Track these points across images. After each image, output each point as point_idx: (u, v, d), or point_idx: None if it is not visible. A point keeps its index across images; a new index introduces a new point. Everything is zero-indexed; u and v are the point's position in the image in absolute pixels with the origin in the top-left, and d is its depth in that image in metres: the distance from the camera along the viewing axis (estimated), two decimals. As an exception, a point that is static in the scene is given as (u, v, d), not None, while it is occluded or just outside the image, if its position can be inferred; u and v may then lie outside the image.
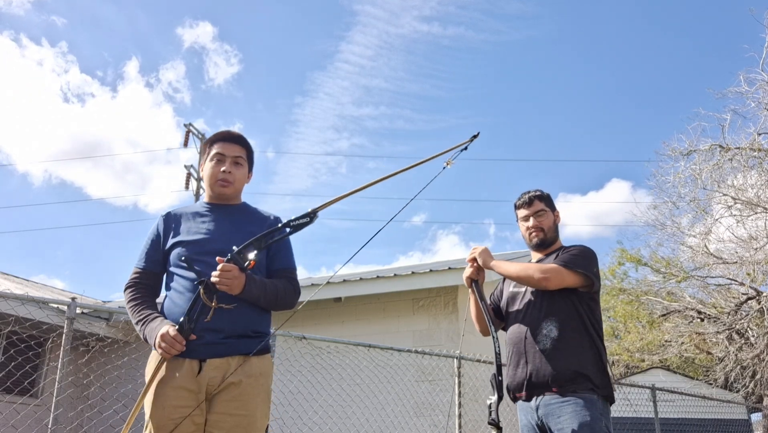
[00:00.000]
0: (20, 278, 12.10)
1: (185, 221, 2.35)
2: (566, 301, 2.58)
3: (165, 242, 2.33)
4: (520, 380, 2.58)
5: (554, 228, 2.84)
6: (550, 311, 2.57)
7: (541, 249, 2.81)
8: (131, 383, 6.81)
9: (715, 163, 11.70)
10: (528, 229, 2.82)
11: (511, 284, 2.81)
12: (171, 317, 2.19)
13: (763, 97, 10.98)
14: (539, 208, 2.82)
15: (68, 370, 4.26)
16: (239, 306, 2.15)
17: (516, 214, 2.92)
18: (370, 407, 6.42)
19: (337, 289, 7.75)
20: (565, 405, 2.41)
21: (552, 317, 2.56)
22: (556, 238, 2.84)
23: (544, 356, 2.50)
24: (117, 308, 8.97)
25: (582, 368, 2.46)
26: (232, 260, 2.09)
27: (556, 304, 2.58)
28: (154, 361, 2.18)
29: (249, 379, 2.14)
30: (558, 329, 2.53)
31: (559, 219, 2.88)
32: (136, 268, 2.36)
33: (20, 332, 7.15)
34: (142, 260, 2.36)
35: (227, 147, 2.40)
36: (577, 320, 2.57)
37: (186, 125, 20.09)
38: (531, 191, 2.87)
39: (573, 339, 2.52)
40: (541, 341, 2.53)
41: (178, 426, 2.05)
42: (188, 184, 19.87)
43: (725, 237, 12.28)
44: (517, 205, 2.89)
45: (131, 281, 2.33)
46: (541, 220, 2.81)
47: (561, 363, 2.47)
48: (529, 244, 2.85)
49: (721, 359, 12.97)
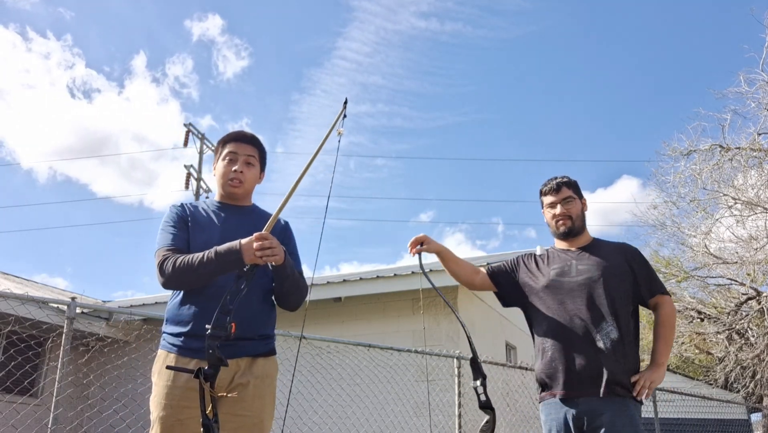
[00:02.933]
0: (20, 278, 12.11)
1: (198, 216, 2.34)
2: (627, 306, 2.53)
3: (188, 226, 2.29)
4: (567, 374, 2.45)
5: (582, 216, 2.72)
6: (612, 312, 2.47)
7: (567, 238, 2.70)
8: (131, 383, 6.80)
9: (715, 163, 11.69)
10: (555, 216, 2.70)
11: (552, 267, 2.65)
12: (186, 318, 2.16)
13: (763, 97, 10.98)
14: (567, 195, 2.70)
15: (68, 370, 4.26)
16: (248, 307, 2.14)
17: (541, 201, 2.79)
18: (369, 407, 6.42)
19: (337, 289, 7.75)
20: (614, 407, 2.36)
21: (612, 318, 2.46)
22: (583, 227, 2.72)
23: (601, 355, 2.41)
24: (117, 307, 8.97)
25: (633, 373, 2.44)
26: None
27: (616, 304, 2.49)
28: (160, 361, 2.18)
29: (256, 380, 2.15)
30: (618, 331, 2.44)
31: (586, 207, 2.77)
32: (163, 248, 2.20)
33: (20, 332, 7.15)
34: (168, 240, 2.22)
35: (240, 147, 2.40)
36: (633, 325, 2.52)
37: (186, 125, 20.10)
38: (558, 177, 2.75)
39: (630, 344, 2.47)
40: (601, 339, 2.43)
41: (185, 426, 2.05)
42: (188, 183, 19.86)
43: (725, 237, 12.29)
44: (544, 192, 2.75)
45: (164, 256, 2.16)
46: (569, 207, 2.68)
47: (619, 366, 2.40)
48: (555, 232, 2.73)
49: (721, 359, 12.96)
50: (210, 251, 2.09)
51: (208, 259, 2.07)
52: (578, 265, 2.61)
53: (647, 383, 2.44)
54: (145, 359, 7.40)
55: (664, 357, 2.55)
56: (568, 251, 2.70)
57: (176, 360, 2.13)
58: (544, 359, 2.55)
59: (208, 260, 2.07)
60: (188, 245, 2.24)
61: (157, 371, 2.17)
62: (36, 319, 6.77)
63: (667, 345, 2.57)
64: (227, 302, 1.93)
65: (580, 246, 2.69)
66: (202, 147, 20.20)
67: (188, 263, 2.09)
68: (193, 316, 2.13)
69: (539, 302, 2.63)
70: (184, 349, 2.14)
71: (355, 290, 7.77)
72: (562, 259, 2.67)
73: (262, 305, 2.25)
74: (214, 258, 2.06)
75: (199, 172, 19.97)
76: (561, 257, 2.68)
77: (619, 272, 2.57)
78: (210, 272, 2.08)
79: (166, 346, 2.19)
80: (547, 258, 2.73)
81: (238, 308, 1.99)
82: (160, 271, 2.15)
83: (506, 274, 2.81)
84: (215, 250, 2.08)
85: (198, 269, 2.08)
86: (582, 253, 2.66)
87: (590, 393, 2.39)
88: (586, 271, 2.57)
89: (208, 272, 2.08)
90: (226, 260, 2.05)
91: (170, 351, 2.17)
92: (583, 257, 2.64)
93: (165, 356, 2.16)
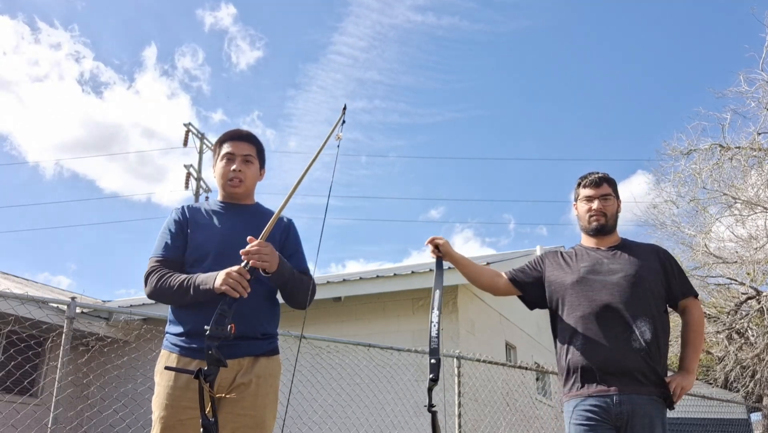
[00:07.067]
0: (20, 278, 12.11)
1: (199, 218, 2.34)
2: (661, 306, 2.51)
3: (186, 232, 2.29)
4: (600, 372, 2.40)
5: (616, 217, 2.67)
6: (647, 311, 2.43)
7: (597, 235, 2.64)
8: (131, 383, 6.80)
9: (715, 162, 11.70)
10: (590, 211, 2.63)
11: (581, 264, 2.59)
12: (187, 318, 2.16)
13: (763, 97, 10.98)
14: (606, 192, 2.64)
15: (68, 369, 4.26)
16: (251, 306, 2.14)
17: (576, 192, 2.72)
18: (369, 406, 6.42)
19: (337, 288, 7.75)
20: (651, 409, 2.35)
21: (646, 318, 2.42)
22: (614, 228, 2.67)
23: (635, 355, 2.38)
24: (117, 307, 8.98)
25: (664, 375, 2.43)
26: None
27: (651, 304, 2.46)
28: (162, 361, 2.17)
29: (259, 379, 2.14)
30: (651, 332, 2.40)
31: (620, 209, 2.71)
32: (154, 258, 2.24)
33: (20, 332, 7.14)
34: (161, 249, 2.26)
35: (237, 146, 2.38)
36: (666, 327, 2.50)
37: (186, 125, 20.12)
38: (599, 172, 2.68)
39: (662, 345, 2.45)
40: (636, 340, 2.39)
41: (186, 427, 2.05)
42: (188, 183, 19.87)
43: (725, 236, 12.30)
44: (583, 185, 2.68)
45: (151, 268, 2.20)
46: (606, 204, 2.63)
47: (653, 367, 2.39)
48: (585, 227, 2.66)
49: (721, 358, 12.97)
50: (190, 279, 2.10)
51: (187, 287, 2.09)
52: (610, 264, 2.55)
53: (678, 389, 2.42)
54: (145, 359, 7.41)
55: (694, 363, 2.53)
56: (598, 249, 2.64)
57: (178, 360, 2.12)
58: (573, 356, 2.48)
59: (185, 289, 2.09)
60: (183, 252, 2.25)
61: (159, 371, 2.17)
62: (36, 319, 6.77)
63: (696, 352, 2.54)
64: (226, 303, 1.95)
65: (610, 246, 2.64)
66: (201, 147, 20.21)
67: (169, 285, 2.12)
68: (195, 316, 2.12)
69: (568, 297, 2.55)
70: (186, 349, 2.14)
71: (355, 290, 7.77)
72: (591, 257, 2.61)
73: (264, 303, 2.24)
74: (191, 289, 2.08)
75: (199, 171, 19.97)
76: (591, 255, 2.63)
77: (654, 272, 2.53)
78: (186, 299, 2.11)
79: (168, 346, 2.19)
80: (575, 255, 2.68)
81: (241, 307, 2.00)
82: (145, 282, 2.20)
83: (529, 275, 2.74)
84: (194, 282, 2.08)
85: (176, 292, 2.11)
86: (613, 252, 2.61)
87: (629, 391, 2.36)
88: (620, 270, 2.52)
89: (184, 299, 2.12)
90: (200, 292, 2.07)
91: (172, 351, 2.17)
92: (615, 255, 2.59)
93: (167, 356, 2.16)
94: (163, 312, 2.51)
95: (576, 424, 2.42)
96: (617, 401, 2.35)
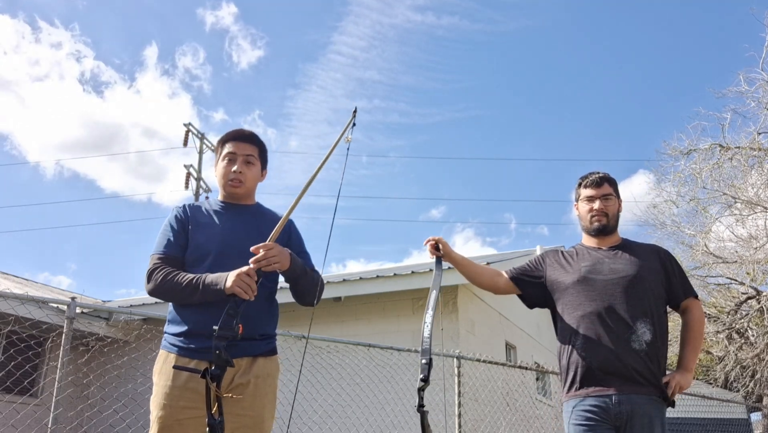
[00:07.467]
0: (20, 278, 12.11)
1: (200, 217, 2.33)
2: (661, 306, 2.51)
3: (188, 230, 2.29)
4: (600, 372, 2.40)
5: (617, 216, 2.68)
6: (648, 311, 2.44)
7: (598, 235, 2.65)
8: (131, 383, 6.81)
9: (715, 162, 11.70)
10: (591, 211, 2.63)
11: (582, 263, 2.60)
12: (186, 318, 2.16)
13: (763, 97, 10.98)
14: (608, 192, 2.65)
15: (68, 370, 4.26)
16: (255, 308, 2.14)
17: (577, 192, 2.73)
18: (369, 406, 6.42)
19: (337, 288, 7.75)
20: (650, 409, 2.36)
21: (646, 319, 2.43)
22: (615, 228, 2.68)
23: (635, 355, 2.38)
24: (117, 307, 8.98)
25: (664, 375, 2.44)
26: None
27: (652, 304, 2.47)
28: (161, 361, 2.17)
29: (257, 380, 2.15)
30: (651, 333, 2.41)
31: (621, 208, 2.72)
32: (156, 255, 2.22)
33: (20, 332, 7.14)
34: (163, 246, 2.23)
35: (238, 146, 2.38)
36: (665, 327, 2.51)
37: (186, 125, 20.12)
38: (600, 172, 2.69)
39: (663, 346, 2.46)
40: (636, 341, 2.39)
41: (183, 427, 2.05)
42: (188, 183, 19.87)
43: (725, 236, 12.30)
44: (584, 185, 2.69)
45: (155, 265, 2.18)
46: (607, 204, 2.63)
47: (653, 367, 2.40)
48: (586, 227, 2.67)
49: (721, 358, 12.97)
50: (199, 278, 2.09)
51: (195, 286, 2.08)
52: (611, 264, 2.55)
53: (677, 387, 2.43)
54: (145, 359, 7.40)
55: (693, 363, 2.54)
56: (599, 249, 2.64)
57: (176, 360, 2.12)
58: (572, 356, 2.48)
59: (194, 287, 2.08)
60: (185, 250, 2.25)
61: (157, 371, 2.17)
62: (36, 319, 6.78)
63: (695, 351, 2.55)
64: (235, 304, 1.96)
65: (611, 245, 2.65)
66: (201, 147, 20.22)
67: (175, 282, 2.11)
68: (198, 316, 2.12)
69: (569, 297, 2.56)
70: (184, 349, 2.14)
71: (355, 290, 7.77)
72: (593, 256, 2.62)
73: (264, 304, 2.25)
74: (200, 288, 2.07)
75: (199, 171, 19.98)
76: (592, 255, 2.63)
77: (654, 272, 2.53)
78: (193, 298, 2.10)
79: (167, 346, 2.19)
80: (576, 254, 2.68)
81: (245, 309, 2.01)
82: (148, 278, 2.17)
83: (530, 274, 2.74)
84: (204, 281, 2.07)
85: (184, 290, 2.10)
86: (614, 252, 2.61)
87: (628, 391, 2.36)
88: (621, 270, 2.52)
89: (191, 297, 2.11)
90: (210, 291, 2.06)
91: (170, 351, 2.16)
92: (616, 255, 2.59)
93: (165, 356, 2.16)
94: (163, 312, 2.50)
95: (575, 424, 2.42)
96: (616, 401, 2.36)
